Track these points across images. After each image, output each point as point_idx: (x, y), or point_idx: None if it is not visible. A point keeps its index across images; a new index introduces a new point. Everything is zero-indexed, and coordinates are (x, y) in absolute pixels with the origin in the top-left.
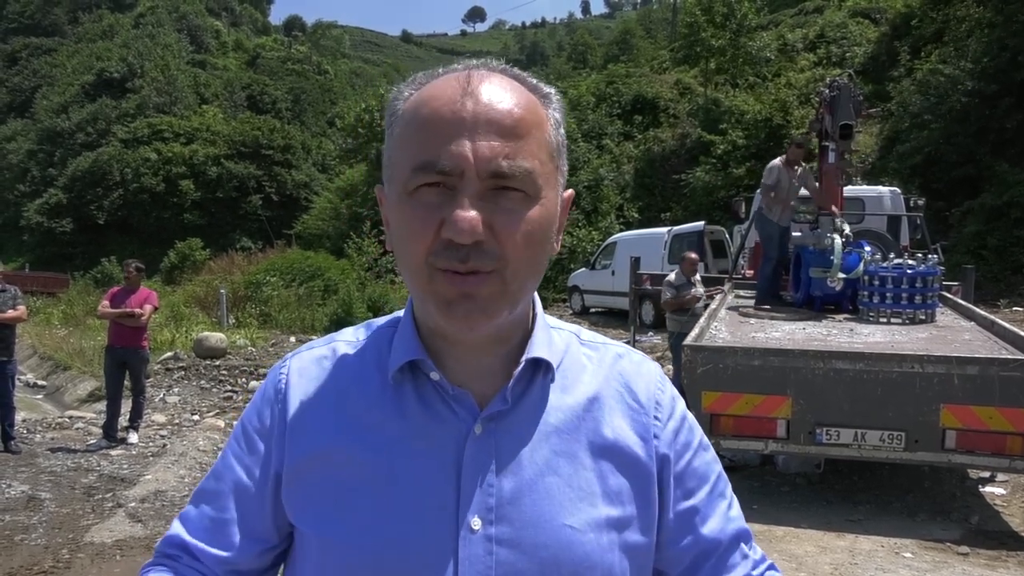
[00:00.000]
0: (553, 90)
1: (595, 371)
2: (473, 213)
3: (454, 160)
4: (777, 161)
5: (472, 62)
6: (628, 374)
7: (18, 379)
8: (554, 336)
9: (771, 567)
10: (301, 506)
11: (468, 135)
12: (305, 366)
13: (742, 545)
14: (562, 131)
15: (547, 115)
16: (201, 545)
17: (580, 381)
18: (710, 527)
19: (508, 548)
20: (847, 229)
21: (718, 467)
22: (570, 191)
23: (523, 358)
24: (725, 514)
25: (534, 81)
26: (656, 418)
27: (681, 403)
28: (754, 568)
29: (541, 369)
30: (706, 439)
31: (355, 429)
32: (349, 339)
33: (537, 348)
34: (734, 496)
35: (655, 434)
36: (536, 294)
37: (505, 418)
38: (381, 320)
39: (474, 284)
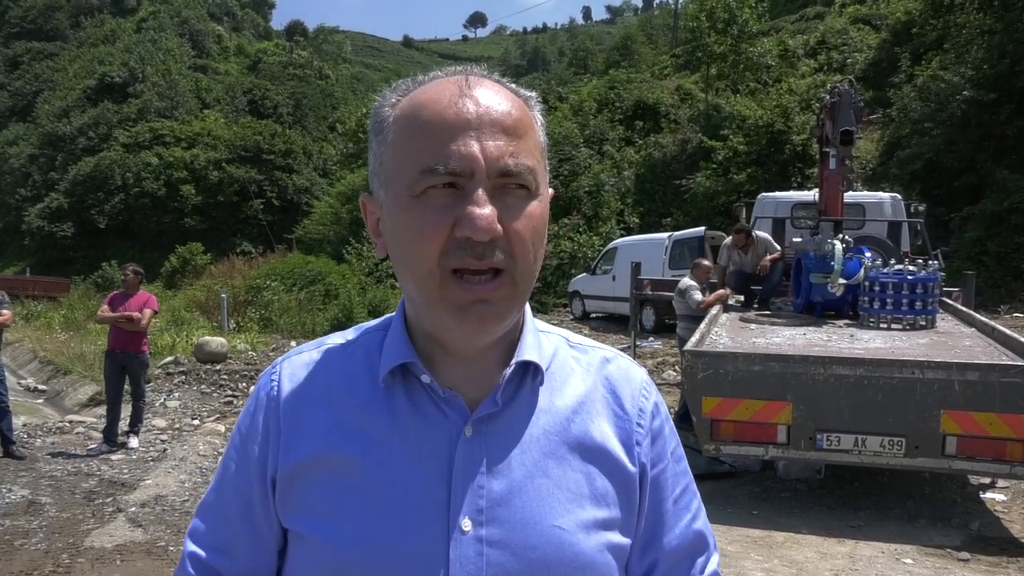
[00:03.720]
0: (533, 93)
1: (583, 374)
2: (489, 210)
3: (464, 160)
4: (728, 241)
5: (456, 68)
6: (614, 379)
7: (19, 383)
8: (543, 339)
9: None
10: (295, 509)
11: (475, 135)
12: (296, 370)
13: (697, 560)
14: (544, 132)
15: (534, 116)
16: (219, 562)
17: (568, 384)
18: (668, 538)
19: (498, 549)
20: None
21: (686, 479)
22: (551, 190)
23: (513, 361)
24: (685, 527)
25: (515, 86)
26: (639, 425)
27: (663, 411)
28: None
29: (530, 372)
30: (680, 449)
31: (347, 432)
32: (339, 342)
33: (527, 351)
34: (702, 509)
35: (637, 441)
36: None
37: (495, 420)
38: (372, 323)
39: (489, 289)
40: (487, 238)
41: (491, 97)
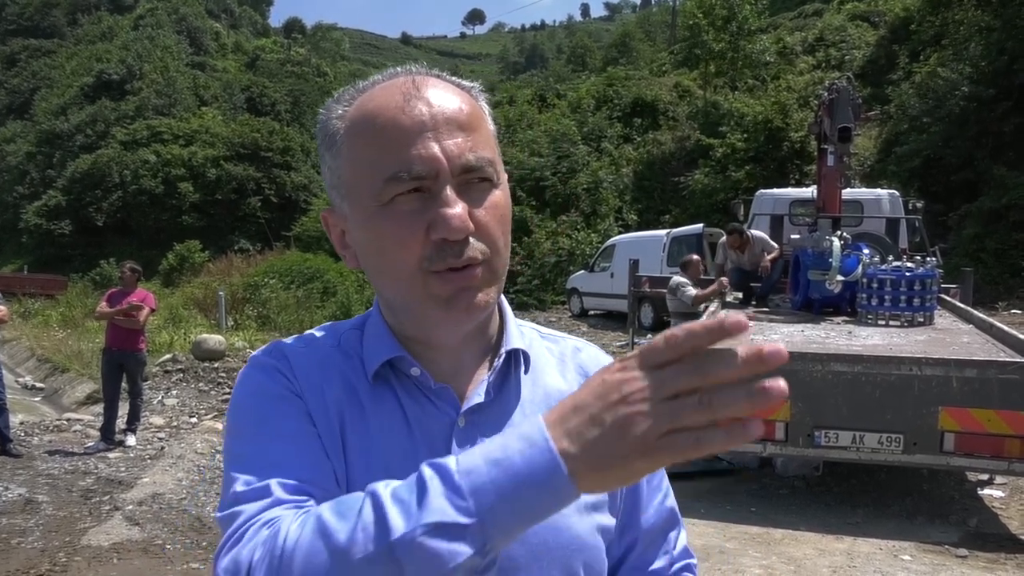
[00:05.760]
0: (476, 84)
1: (558, 364)
2: (460, 208)
3: (427, 163)
4: (723, 240)
5: (397, 69)
6: (588, 367)
7: (16, 381)
8: (522, 330)
9: (687, 567)
10: None
11: (433, 136)
12: (291, 353)
13: (670, 535)
14: (492, 120)
15: (482, 107)
16: (309, 492)
17: (546, 373)
18: (644, 517)
19: None
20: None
21: None
22: (504, 174)
23: (503, 350)
24: (659, 505)
25: (457, 79)
26: None
27: None
28: (671, 564)
29: (513, 362)
30: None
31: (357, 417)
32: (319, 338)
33: (514, 340)
34: (670, 487)
35: None
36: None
37: (486, 410)
38: (342, 323)
39: (470, 278)
40: (463, 236)
41: (441, 96)
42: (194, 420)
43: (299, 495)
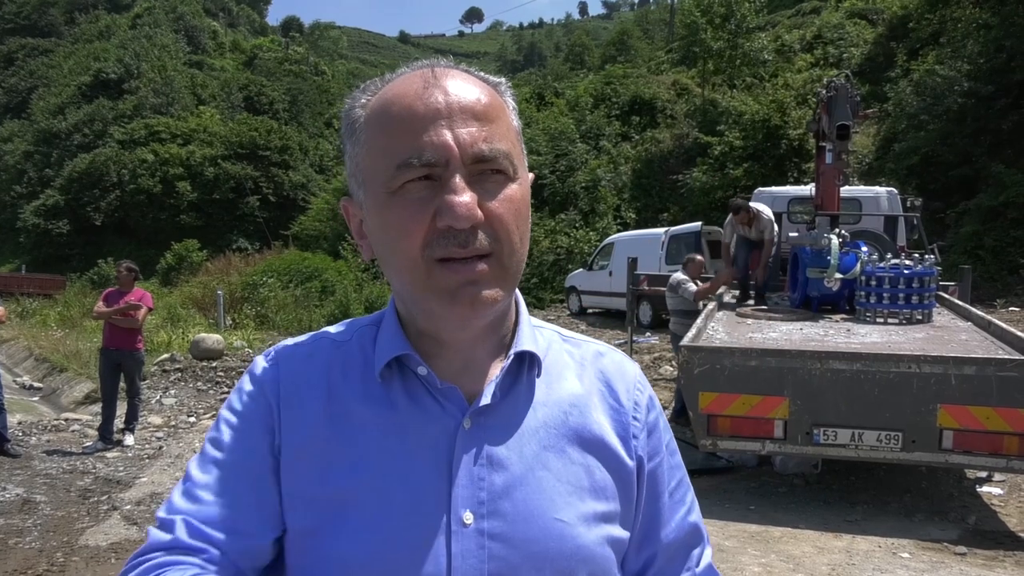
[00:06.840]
0: (503, 80)
1: (578, 368)
2: (468, 196)
3: (438, 150)
4: (731, 218)
5: (423, 62)
6: (609, 373)
7: (14, 381)
8: (537, 333)
9: None
10: (291, 502)
11: (446, 124)
12: (293, 357)
13: (693, 552)
14: (517, 116)
15: (505, 102)
16: (218, 534)
17: (564, 377)
18: (665, 532)
19: (500, 542)
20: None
21: (680, 472)
22: (531, 174)
23: (512, 351)
24: (681, 519)
25: (483, 74)
26: (635, 419)
27: (658, 405)
28: None
29: (526, 364)
30: (674, 442)
31: (344, 426)
32: (333, 335)
33: (525, 342)
34: (695, 501)
35: (634, 434)
36: (518, 292)
37: (494, 412)
38: (362, 319)
39: (476, 271)
40: (468, 225)
41: (459, 85)
42: (192, 419)
43: (201, 541)
